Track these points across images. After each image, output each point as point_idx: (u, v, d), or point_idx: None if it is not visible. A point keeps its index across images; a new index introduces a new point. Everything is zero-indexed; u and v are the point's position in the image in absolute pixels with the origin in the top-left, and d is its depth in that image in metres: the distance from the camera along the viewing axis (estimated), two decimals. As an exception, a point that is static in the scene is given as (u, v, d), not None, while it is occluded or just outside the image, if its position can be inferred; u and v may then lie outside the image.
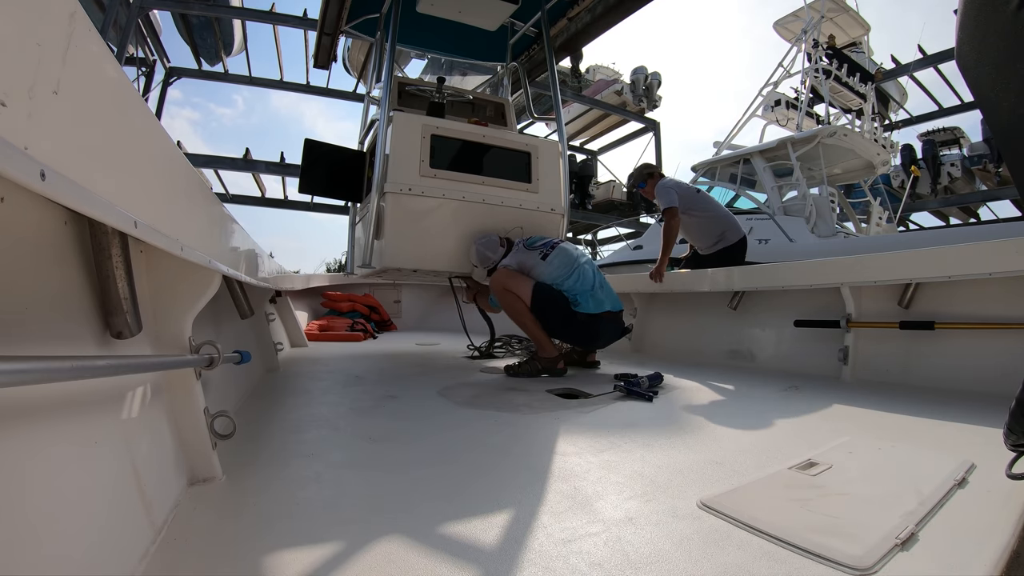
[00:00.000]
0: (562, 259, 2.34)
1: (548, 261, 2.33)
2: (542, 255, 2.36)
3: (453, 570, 0.64)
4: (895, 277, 2.02)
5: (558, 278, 2.30)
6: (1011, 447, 0.80)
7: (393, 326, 5.14)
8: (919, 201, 11.44)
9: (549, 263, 2.33)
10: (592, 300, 2.28)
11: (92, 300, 0.68)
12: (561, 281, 2.29)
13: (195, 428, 0.89)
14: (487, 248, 2.52)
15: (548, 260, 2.33)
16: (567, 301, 2.28)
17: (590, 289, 2.30)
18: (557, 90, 3.27)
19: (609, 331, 2.38)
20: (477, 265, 2.56)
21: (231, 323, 1.69)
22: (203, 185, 0.92)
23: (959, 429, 1.30)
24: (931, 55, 10.51)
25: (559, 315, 2.27)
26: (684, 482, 0.95)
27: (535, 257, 2.36)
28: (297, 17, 9.06)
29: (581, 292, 2.29)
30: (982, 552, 0.65)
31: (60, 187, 0.40)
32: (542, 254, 2.36)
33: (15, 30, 0.36)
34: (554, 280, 2.30)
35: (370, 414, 1.51)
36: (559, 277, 2.30)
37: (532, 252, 2.39)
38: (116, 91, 0.55)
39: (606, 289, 2.39)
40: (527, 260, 2.38)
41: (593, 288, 2.31)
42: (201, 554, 0.67)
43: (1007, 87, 0.63)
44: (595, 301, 2.29)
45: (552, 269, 2.32)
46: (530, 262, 2.36)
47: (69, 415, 0.58)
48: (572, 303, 2.27)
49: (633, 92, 13.30)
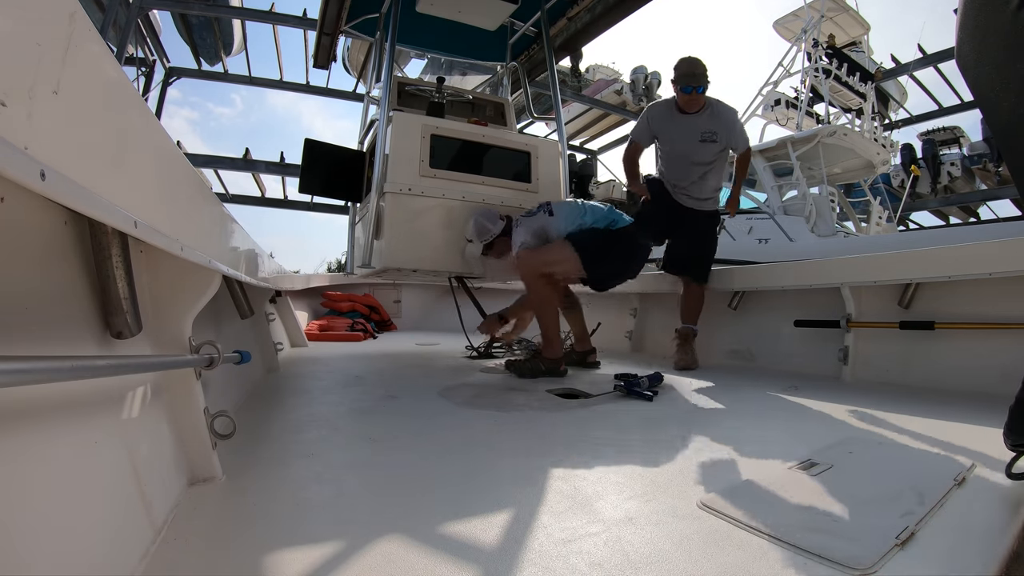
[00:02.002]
0: (568, 207, 2.33)
1: (556, 214, 2.30)
2: (547, 212, 2.32)
3: (453, 570, 0.64)
4: (895, 277, 2.02)
5: (575, 221, 2.27)
6: (1011, 447, 0.80)
7: (393, 326, 5.14)
8: (919, 200, 11.44)
9: (558, 215, 2.29)
10: (618, 216, 2.31)
11: (92, 300, 0.68)
12: (576, 224, 2.27)
13: (195, 428, 0.89)
14: (487, 219, 2.42)
15: (556, 214, 2.30)
16: (603, 230, 2.27)
17: (607, 211, 2.32)
18: (557, 90, 3.27)
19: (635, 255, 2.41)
20: (472, 240, 2.44)
21: (231, 323, 1.68)
22: (203, 185, 0.92)
23: (959, 429, 1.30)
24: (931, 54, 10.50)
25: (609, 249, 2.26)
26: (684, 482, 0.95)
27: (543, 218, 2.31)
28: (297, 17, 9.05)
29: (605, 217, 2.29)
30: (982, 552, 0.65)
31: (60, 187, 0.40)
32: (547, 211, 2.32)
33: (15, 30, 0.36)
34: (574, 224, 2.27)
35: (370, 414, 1.51)
36: (576, 220, 2.28)
37: (536, 216, 2.33)
38: (116, 91, 0.55)
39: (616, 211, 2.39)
40: (536, 224, 2.31)
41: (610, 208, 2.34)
42: (201, 554, 0.67)
43: (1007, 87, 0.63)
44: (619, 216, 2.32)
45: (564, 217, 2.28)
46: (540, 223, 2.31)
47: (69, 415, 0.58)
48: (610, 224, 2.28)
49: (633, 92, 13.29)
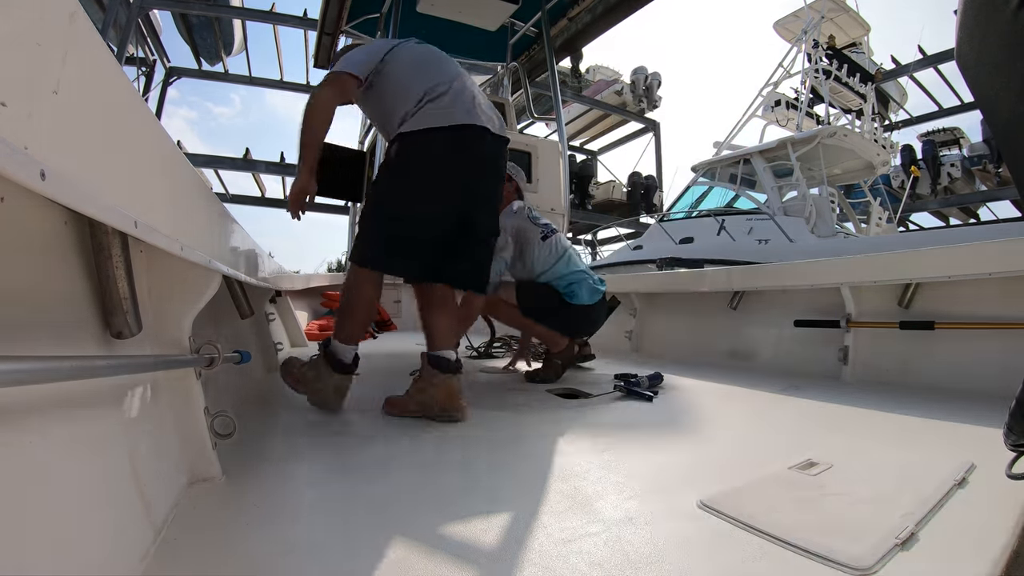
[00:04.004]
0: (558, 244, 2.26)
1: (546, 243, 2.23)
2: (543, 235, 2.24)
3: (453, 570, 0.64)
4: (895, 277, 2.02)
5: (548, 263, 2.21)
6: (1011, 447, 0.80)
7: (393, 326, 5.14)
8: (919, 201, 11.43)
9: (547, 245, 2.22)
10: (585, 289, 2.19)
11: (92, 300, 0.68)
12: (551, 265, 2.20)
13: (195, 428, 0.89)
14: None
15: (547, 242, 2.23)
16: (559, 294, 2.19)
17: (584, 272, 2.21)
18: (557, 90, 3.27)
19: (602, 315, 2.33)
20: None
21: (231, 323, 1.68)
22: (203, 185, 0.92)
23: (959, 429, 1.30)
24: (931, 55, 10.51)
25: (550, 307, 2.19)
26: (684, 482, 0.95)
27: (535, 233, 2.24)
28: (297, 17, 9.06)
29: (577, 280, 2.19)
30: (982, 552, 0.65)
31: (60, 187, 0.40)
32: (543, 234, 2.24)
33: (15, 30, 0.36)
34: (546, 266, 2.21)
35: (370, 414, 1.51)
36: (549, 262, 2.21)
37: (535, 227, 2.26)
38: (116, 91, 0.55)
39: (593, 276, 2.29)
40: (527, 231, 2.24)
41: (586, 271, 2.23)
42: (201, 554, 0.67)
43: (1007, 87, 0.63)
44: (588, 289, 2.20)
45: (547, 253, 2.22)
46: (529, 235, 2.23)
47: (69, 415, 0.58)
48: (566, 295, 2.17)
49: (633, 92, 13.30)
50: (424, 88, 1.47)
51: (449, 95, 1.48)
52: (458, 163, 1.47)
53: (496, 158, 1.58)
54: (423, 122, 1.43)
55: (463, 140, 1.46)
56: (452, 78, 1.53)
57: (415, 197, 1.45)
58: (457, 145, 1.46)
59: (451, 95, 1.48)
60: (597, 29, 3.68)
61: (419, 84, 1.49)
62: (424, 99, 1.46)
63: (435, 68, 1.55)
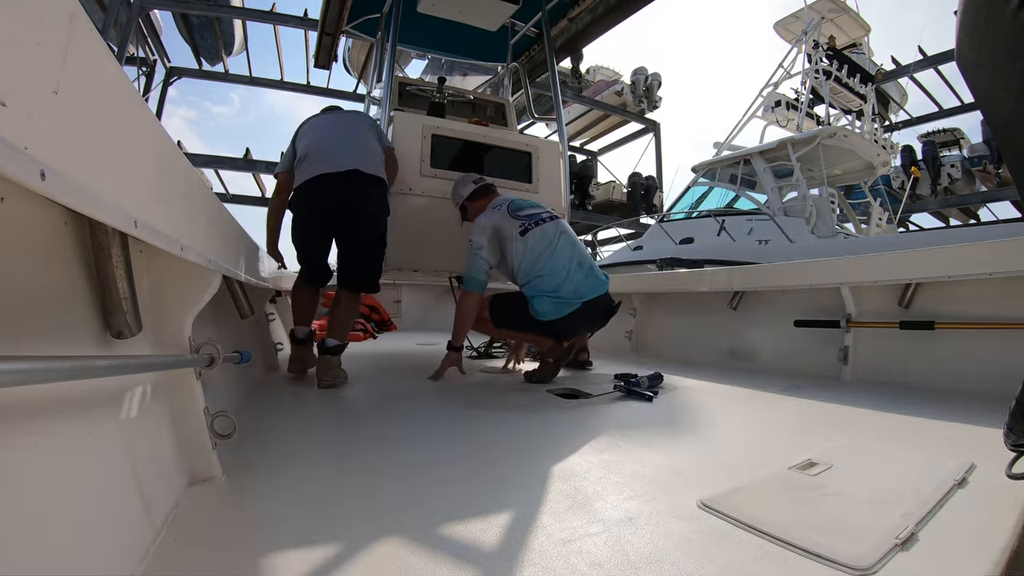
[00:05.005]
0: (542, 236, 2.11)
1: (525, 238, 2.10)
2: (522, 229, 2.11)
3: (453, 570, 0.64)
4: (895, 277, 2.02)
5: (527, 261, 2.09)
6: (1011, 447, 0.80)
7: (393, 326, 5.14)
8: (919, 202, 11.43)
9: (525, 240, 2.10)
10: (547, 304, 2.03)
11: (92, 300, 0.68)
12: (531, 264, 2.09)
13: (195, 428, 0.89)
14: (460, 184, 2.32)
15: (525, 237, 2.10)
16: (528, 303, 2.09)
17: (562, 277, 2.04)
18: (558, 90, 3.27)
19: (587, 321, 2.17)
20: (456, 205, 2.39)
21: (231, 323, 1.68)
22: (203, 185, 0.92)
23: (959, 429, 1.30)
24: (931, 56, 10.51)
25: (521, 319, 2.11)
26: (684, 482, 0.95)
27: (513, 229, 2.11)
28: (297, 17, 9.05)
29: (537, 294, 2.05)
30: (982, 552, 0.65)
31: (60, 187, 0.40)
32: (522, 228, 2.12)
33: (15, 30, 0.36)
34: (522, 264, 2.10)
35: (370, 414, 1.51)
36: (528, 260, 2.09)
37: (514, 221, 2.14)
38: (116, 91, 0.55)
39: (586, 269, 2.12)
40: (503, 228, 2.13)
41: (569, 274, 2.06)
42: (201, 554, 0.67)
43: (1007, 87, 0.63)
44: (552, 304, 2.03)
45: (522, 249, 2.09)
46: (506, 232, 2.12)
47: (69, 415, 0.58)
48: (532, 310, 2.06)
49: (633, 93, 13.29)
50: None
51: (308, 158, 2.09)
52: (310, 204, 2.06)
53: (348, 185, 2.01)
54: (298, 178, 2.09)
55: (315, 187, 2.01)
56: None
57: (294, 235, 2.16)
58: (310, 193, 2.03)
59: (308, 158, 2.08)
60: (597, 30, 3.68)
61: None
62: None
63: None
